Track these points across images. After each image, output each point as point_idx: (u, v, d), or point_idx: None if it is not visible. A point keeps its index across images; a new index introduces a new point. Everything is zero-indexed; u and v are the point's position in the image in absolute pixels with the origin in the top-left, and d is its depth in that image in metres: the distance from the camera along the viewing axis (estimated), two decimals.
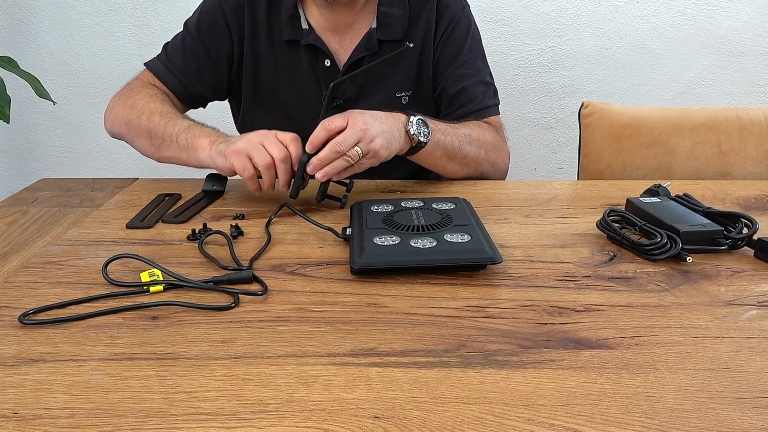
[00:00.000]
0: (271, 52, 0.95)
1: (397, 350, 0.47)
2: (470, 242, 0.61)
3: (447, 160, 0.86)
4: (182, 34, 0.97)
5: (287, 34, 0.93)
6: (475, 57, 0.96)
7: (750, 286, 0.58)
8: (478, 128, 0.91)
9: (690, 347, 0.48)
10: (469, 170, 0.90)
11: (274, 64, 0.96)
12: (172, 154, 0.85)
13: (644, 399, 0.42)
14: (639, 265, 0.62)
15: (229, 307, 0.54)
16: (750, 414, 0.40)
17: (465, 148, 0.87)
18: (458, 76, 0.94)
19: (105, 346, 0.48)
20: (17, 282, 0.59)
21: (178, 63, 0.95)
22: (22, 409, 0.41)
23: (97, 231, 0.72)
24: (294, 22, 0.93)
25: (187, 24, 0.98)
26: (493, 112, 0.96)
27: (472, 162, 0.89)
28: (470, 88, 0.94)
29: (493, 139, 0.93)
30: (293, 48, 0.94)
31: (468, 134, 0.88)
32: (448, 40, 0.94)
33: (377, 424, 0.39)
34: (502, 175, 0.96)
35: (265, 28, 0.94)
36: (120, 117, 0.91)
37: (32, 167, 1.75)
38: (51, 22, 1.61)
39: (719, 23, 1.57)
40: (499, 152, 0.94)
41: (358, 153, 0.71)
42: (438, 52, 0.95)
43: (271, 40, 0.95)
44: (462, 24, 0.95)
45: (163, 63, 0.96)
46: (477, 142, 0.89)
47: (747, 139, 1.03)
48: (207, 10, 0.96)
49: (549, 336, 0.49)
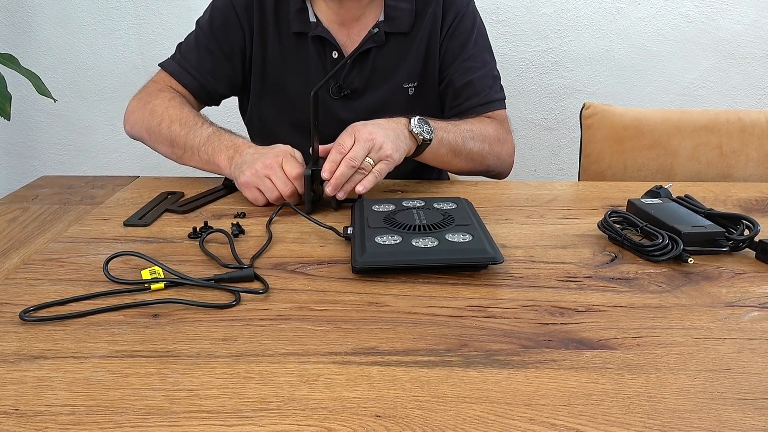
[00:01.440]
0: (278, 44, 0.96)
1: (399, 349, 0.47)
2: (472, 242, 0.61)
3: (453, 156, 0.87)
4: (195, 33, 0.98)
5: (295, 26, 0.94)
6: (482, 50, 0.97)
7: (751, 288, 0.58)
8: (480, 123, 0.92)
9: (692, 348, 0.48)
10: (475, 164, 0.91)
11: (281, 57, 0.97)
12: (195, 165, 0.87)
13: (646, 399, 0.42)
14: (640, 266, 0.62)
15: (231, 305, 0.54)
16: (752, 415, 0.40)
17: (469, 144, 0.88)
18: (464, 69, 0.95)
19: (106, 343, 0.48)
20: (18, 279, 0.59)
21: (192, 61, 0.96)
22: (23, 405, 0.41)
23: (98, 228, 0.72)
24: (302, 15, 0.94)
25: (200, 22, 0.99)
26: (498, 106, 0.97)
27: (477, 156, 0.89)
28: (477, 81, 0.95)
29: (496, 132, 0.93)
30: (301, 40, 0.95)
31: (470, 129, 0.89)
32: (454, 34, 0.95)
33: (379, 423, 0.39)
34: (507, 167, 0.97)
35: (273, 22, 0.95)
36: (140, 122, 0.93)
37: (32, 165, 1.75)
38: (52, 19, 1.61)
39: (720, 25, 1.57)
40: (504, 145, 0.94)
41: (371, 163, 0.75)
42: (444, 46, 0.96)
43: (279, 32, 0.96)
44: (467, 18, 0.96)
45: (177, 62, 0.97)
46: (480, 137, 0.89)
47: (748, 141, 1.03)
48: (218, 7, 0.97)
49: (551, 336, 0.49)
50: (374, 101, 0.96)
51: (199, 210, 0.78)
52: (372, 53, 0.94)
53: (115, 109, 1.66)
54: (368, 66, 0.95)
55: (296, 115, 0.98)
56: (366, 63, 0.95)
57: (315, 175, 0.75)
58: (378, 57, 0.95)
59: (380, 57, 0.95)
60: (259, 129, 1.04)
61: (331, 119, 0.91)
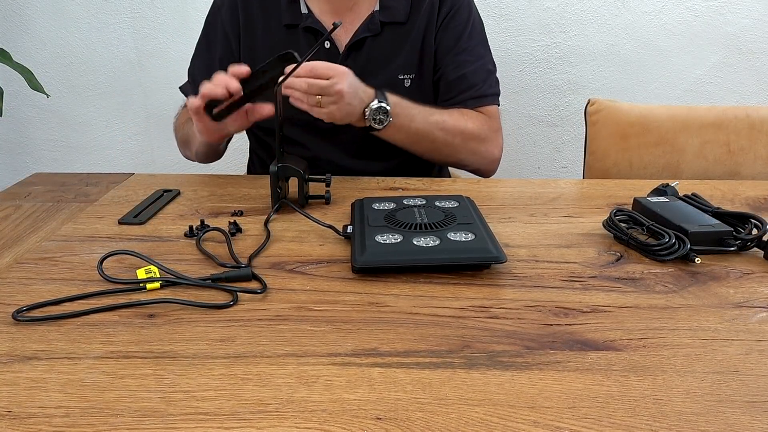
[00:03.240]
0: (268, 39, 0.95)
1: (400, 350, 0.47)
2: (474, 241, 0.60)
3: (411, 143, 0.88)
4: (195, 53, 1.00)
5: (286, 18, 0.93)
6: (476, 44, 0.95)
7: (760, 288, 0.56)
8: (462, 116, 0.90)
9: (699, 350, 0.47)
10: (441, 156, 0.92)
11: (270, 50, 0.94)
12: (197, 142, 0.88)
13: (652, 402, 0.41)
14: (646, 266, 0.61)
15: (228, 305, 0.53)
16: (760, 418, 0.39)
17: (434, 134, 0.87)
18: (457, 63, 0.93)
19: (100, 344, 0.47)
20: (10, 278, 0.58)
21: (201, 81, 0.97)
22: (16, 407, 0.40)
23: (91, 227, 0.71)
24: (293, 7, 0.93)
25: (198, 42, 1.00)
26: (490, 102, 0.95)
27: (443, 148, 0.89)
28: (470, 75, 0.93)
29: (478, 128, 0.91)
30: (292, 32, 0.94)
31: (442, 121, 0.88)
32: (449, 26, 0.94)
33: (379, 425, 0.39)
34: (488, 165, 0.94)
35: (261, 15, 0.95)
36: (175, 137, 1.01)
37: (24, 162, 1.73)
38: (45, 13, 1.59)
39: (728, 20, 1.55)
40: (484, 143, 0.92)
41: (318, 101, 0.77)
42: (438, 38, 0.94)
43: (269, 25, 0.95)
44: (462, 11, 0.95)
45: (190, 85, 0.99)
46: (452, 130, 0.88)
47: (756, 138, 1.01)
48: (209, 21, 0.98)
49: (555, 337, 0.48)
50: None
51: (192, 211, 0.77)
52: (367, 43, 0.93)
53: (109, 104, 1.65)
54: (363, 56, 0.93)
55: (291, 110, 0.97)
56: (360, 53, 0.93)
57: (281, 172, 0.73)
58: (373, 47, 0.93)
59: (375, 47, 0.93)
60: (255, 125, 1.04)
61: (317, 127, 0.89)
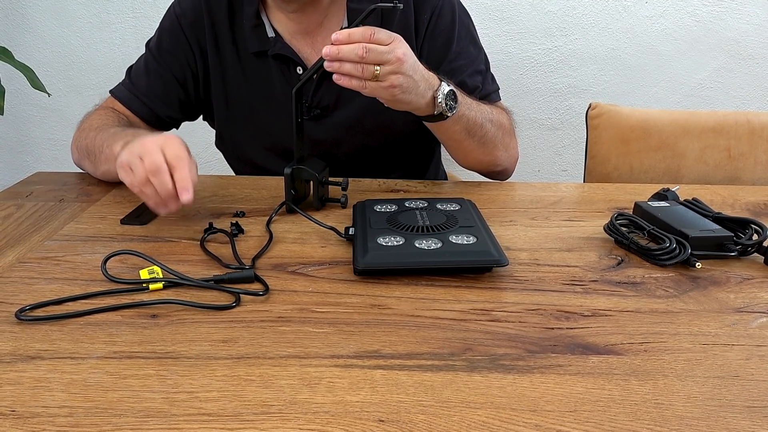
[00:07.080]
0: (239, 65, 0.89)
1: (402, 353, 0.47)
2: (476, 244, 0.60)
3: (466, 135, 0.81)
4: (145, 56, 0.92)
5: (253, 45, 0.87)
6: (466, 45, 0.89)
7: (760, 293, 0.57)
8: (496, 109, 0.87)
9: (699, 354, 0.47)
10: (485, 150, 0.84)
11: (243, 79, 0.89)
12: (106, 167, 0.77)
13: (653, 406, 0.41)
14: (647, 270, 0.61)
15: (230, 306, 0.53)
16: (761, 423, 0.40)
17: (486, 126, 0.82)
18: (453, 70, 0.86)
19: (104, 344, 0.48)
20: (13, 277, 0.58)
21: (142, 86, 0.90)
22: (20, 407, 0.40)
23: (94, 226, 0.71)
24: (259, 32, 0.86)
25: (149, 45, 0.93)
26: (496, 98, 0.91)
27: (489, 142, 0.83)
28: (468, 80, 0.88)
29: (509, 123, 0.89)
30: (261, 59, 0.87)
31: (490, 112, 0.84)
32: (434, 33, 0.87)
33: (382, 427, 0.39)
34: (513, 163, 0.90)
35: (230, 41, 0.88)
36: (73, 144, 0.87)
37: (25, 161, 1.73)
38: (47, 12, 1.59)
39: (729, 25, 1.55)
40: (513, 138, 0.89)
41: (375, 73, 0.65)
42: (425, 48, 0.87)
43: (237, 52, 0.88)
44: (445, 12, 0.87)
45: (127, 88, 0.91)
46: (497, 123, 0.84)
47: (757, 143, 1.01)
48: (166, 28, 0.91)
49: (556, 341, 0.49)
50: (349, 116, 0.88)
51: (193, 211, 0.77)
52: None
53: None
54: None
55: (270, 139, 0.90)
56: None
57: (296, 173, 0.73)
58: None
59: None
60: (234, 154, 0.98)
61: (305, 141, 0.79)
